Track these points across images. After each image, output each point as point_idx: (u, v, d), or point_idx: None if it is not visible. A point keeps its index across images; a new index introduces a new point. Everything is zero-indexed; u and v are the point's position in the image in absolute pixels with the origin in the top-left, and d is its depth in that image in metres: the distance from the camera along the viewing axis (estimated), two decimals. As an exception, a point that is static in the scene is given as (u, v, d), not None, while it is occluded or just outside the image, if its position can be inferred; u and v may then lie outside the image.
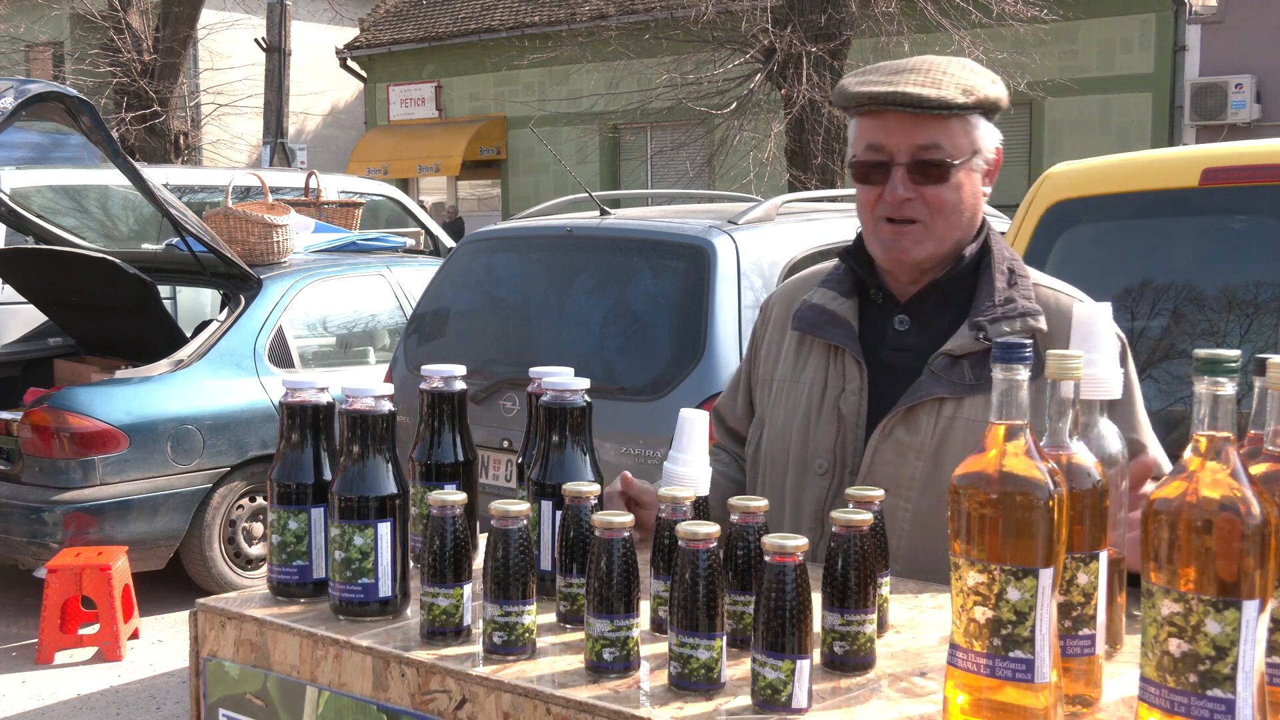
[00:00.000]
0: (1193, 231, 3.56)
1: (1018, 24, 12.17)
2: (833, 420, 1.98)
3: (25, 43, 18.45)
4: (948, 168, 1.90)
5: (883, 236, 1.95)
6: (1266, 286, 3.29)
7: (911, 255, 1.94)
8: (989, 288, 1.94)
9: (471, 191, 22.51)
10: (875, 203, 1.94)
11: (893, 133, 1.90)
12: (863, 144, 1.95)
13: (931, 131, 1.89)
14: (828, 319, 2.02)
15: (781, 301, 2.17)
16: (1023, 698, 1.20)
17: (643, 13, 16.29)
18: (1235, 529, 1.10)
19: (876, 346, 2.00)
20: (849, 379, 1.98)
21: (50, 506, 5.69)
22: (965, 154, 1.92)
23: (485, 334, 5.30)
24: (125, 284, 6.48)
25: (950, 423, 1.89)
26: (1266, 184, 3.29)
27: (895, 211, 1.92)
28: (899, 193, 1.90)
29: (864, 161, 1.95)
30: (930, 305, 1.98)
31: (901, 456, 1.91)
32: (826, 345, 2.02)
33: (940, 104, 1.87)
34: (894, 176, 1.91)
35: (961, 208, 1.94)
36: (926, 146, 1.89)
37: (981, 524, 1.21)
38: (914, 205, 1.91)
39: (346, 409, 1.61)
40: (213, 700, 1.68)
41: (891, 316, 2.01)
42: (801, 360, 2.06)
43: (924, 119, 1.89)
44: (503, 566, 1.44)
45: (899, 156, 1.91)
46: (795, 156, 10.94)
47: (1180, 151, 3.75)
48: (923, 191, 1.91)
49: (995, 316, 1.90)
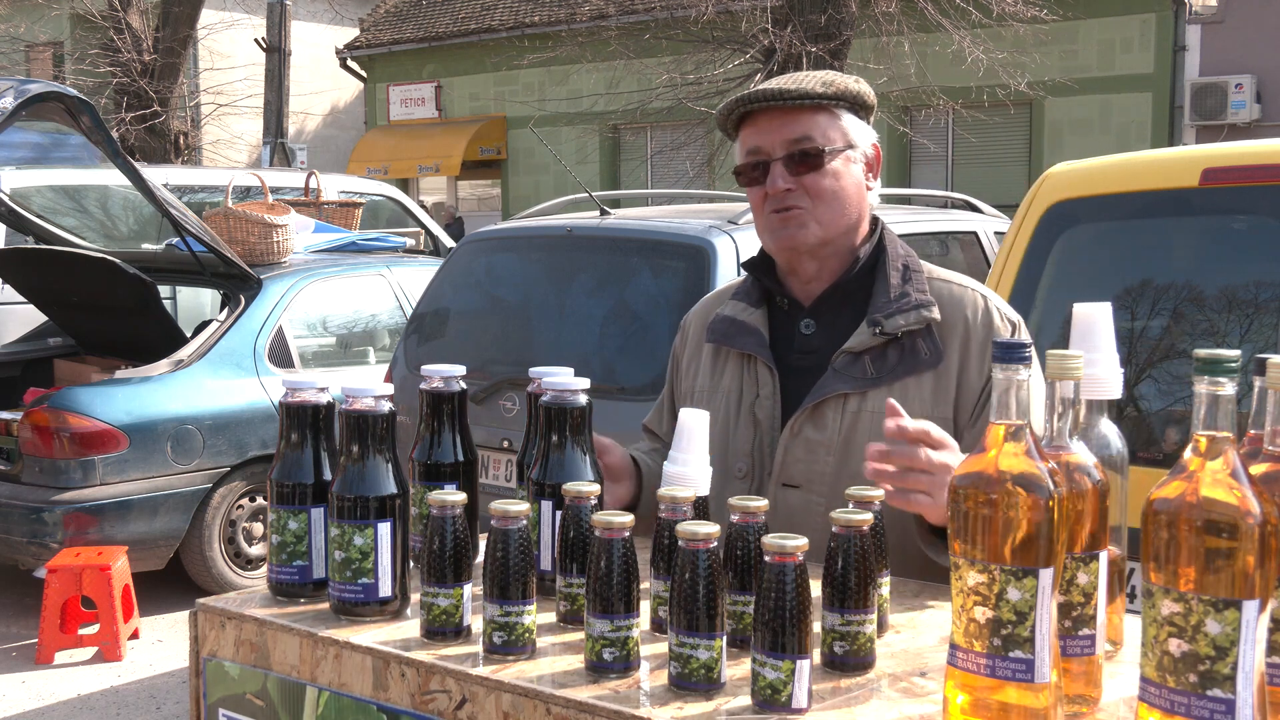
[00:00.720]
0: (1193, 231, 3.56)
1: (1018, 24, 12.18)
2: (749, 425, 2.07)
3: (25, 43, 18.45)
4: (820, 154, 2.01)
5: (773, 227, 2.05)
6: (1266, 286, 3.29)
7: (800, 239, 2.03)
8: (884, 285, 2.04)
9: (471, 191, 22.51)
10: (763, 201, 2.05)
11: (765, 133, 2.03)
12: (743, 151, 2.07)
13: (801, 125, 2.01)
14: (738, 329, 2.12)
15: (697, 318, 2.27)
16: (1023, 698, 1.20)
17: (643, 13, 16.29)
18: (1235, 529, 1.10)
19: (786, 351, 2.09)
20: (762, 384, 2.07)
21: (50, 506, 5.69)
22: (836, 144, 2.03)
23: (485, 334, 5.30)
24: (125, 284, 6.47)
25: (855, 417, 1.98)
26: (1266, 184, 3.29)
27: (779, 203, 2.02)
28: (779, 184, 2.01)
29: (745, 165, 2.07)
30: (831, 307, 2.08)
31: (812, 453, 2.00)
32: (740, 354, 2.12)
33: (800, 94, 2.00)
34: (772, 171, 2.02)
35: (843, 195, 2.03)
36: (798, 139, 2.01)
37: (981, 524, 1.21)
38: (795, 194, 2.01)
39: (346, 409, 1.61)
40: (213, 700, 1.68)
41: (797, 321, 2.10)
42: (718, 371, 2.15)
43: (791, 114, 2.02)
44: (503, 566, 1.44)
45: (775, 152, 2.02)
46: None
47: (1180, 151, 3.75)
48: (801, 181, 2.01)
49: (891, 311, 2.00)
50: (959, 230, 6.20)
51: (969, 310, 2.02)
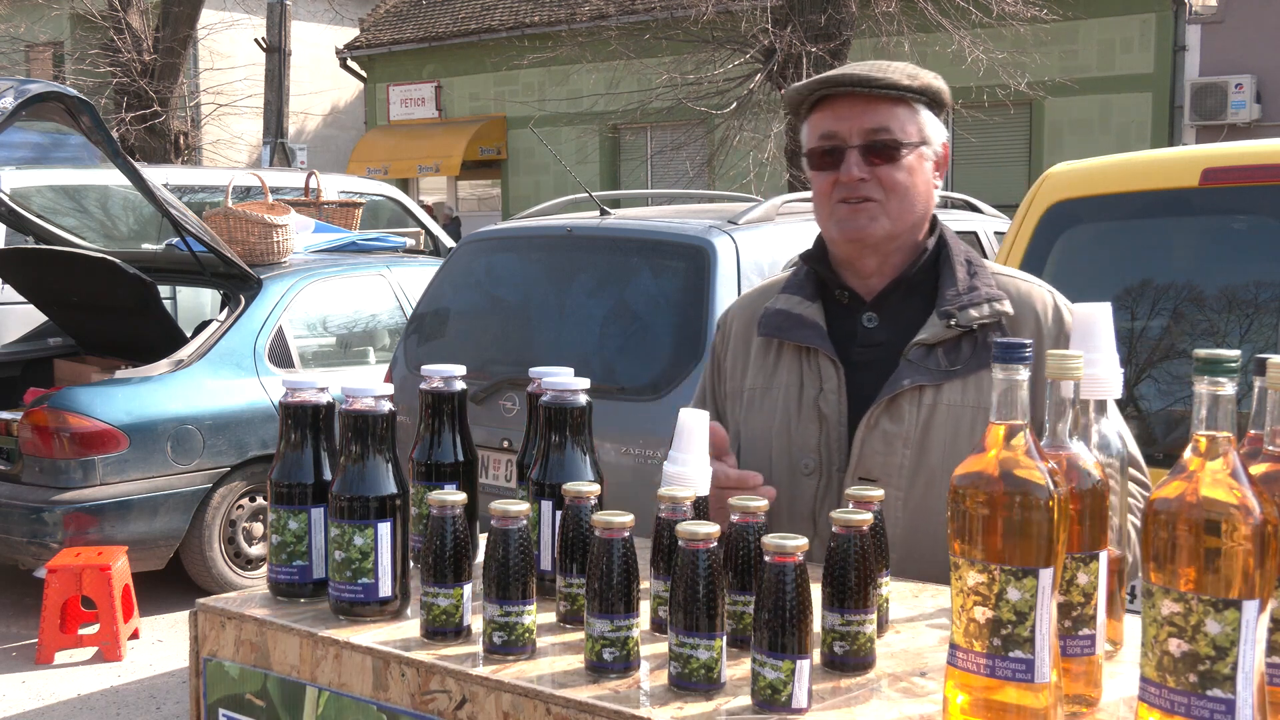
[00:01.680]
0: (1193, 231, 3.56)
1: (1018, 24, 12.18)
2: (814, 420, 2.02)
3: (25, 43, 18.45)
4: (899, 147, 1.97)
5: (840, 217, 2.00)
6: (1266, 286, 3.29)
7: (868, 232, 1.99)
8: (951, 278, 2.00)
9: (471, 191, 22.51)
10: (831, 188, 2.00)
11: (844, 119, 1.98)
12: (817, 134, 2.02)
13: (881, 116, 1.97)
14: (795, 322, 2.06)
15: (740, 314, 2.21)
16: (1023, 698, 1.20)
17: (643, 13, 16.29)
18: (1235, 530, 1.10)
19: (847, 346, 2.04)
20: (825, 379, 2.02)
21: (50, 506, 5.69)
22: (914, 139, 1.99)
23: (485, 334, 5.30)
24: (125, 284, 6.47)
25: (932, 409, 1.95)
26: (1266, 184, 3.29)
27: (851, 192, 1.98)
28: (854, 172, 1.97)
29: (818, 149, 2.01)
30: (896, 301, 2.04)
31: (889, 446, 1.96)
32: (797, 349, 2.06)
33: (887, 84, 1.96)
34: (848, 158, 1.97)
35: (914, 191, 2.00)
36: (877, 129, 1.97)
37: (981, 524, 1.21)
38: (869, 185, 1.97)
39: (346, 409, 1.61)
40: (213, 700, 1.68)
41: (859, 315, 2.05)
42: (771, 366, 2.09)
43: (873, 104, 1.97)
44: (503, 566, 1.44)
45: (851, 140, 1.98)
46: (795, 156, 10.92)
47: (1180, 151, 3.75)
48: (876, 172, 1.97)
49: (963, 304, 1.97)
50: (959, 230, 6.20)
51: (1038, 306, 2.00)
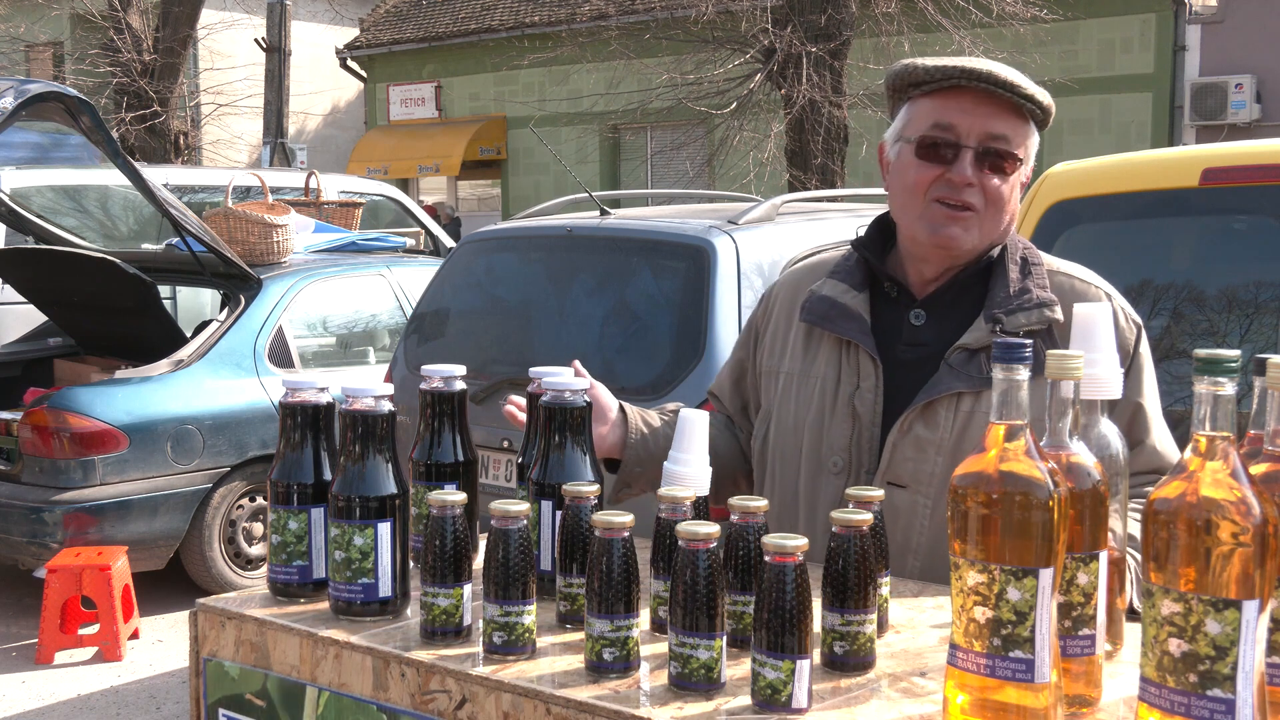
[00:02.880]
0: (1193, 231, 3.56)
1: (1018, 24, 12.17)
2: (847, 418, 1.95)
3: (25, 43, 18.44)
4: (1014, 161, 1.89)
5: (933, 219, 1.90)
6: (1266, 286, 3.29)
7: (959, 242, 1.90)
8: (1004, 279, 1.92)
9: (471, 191, 22.51)
10: (931, 183, 1.89)
11: (968, 114, 1.87)
12: (929, 122, 1.90)
13: (1005, 123, 1.87)
14: (839, 312, 1.98)
15: (786, 291, 2.13)
16: (1023, 698, 1.20)
17: (643, 13, 16.29)
18: (1235, 530, 1.10)
19: (891, 342, 1.96)
20: (864, 376, 1.95)
21: (50, 506, 5.69)
22: (1023, 155, 1.91)
23: (485, 334, 5.30)
24: (125, 284, 6.48)
25: (969, 417, 1.88)
26: (1266, 184, 3.29)
27: (954, 194, 1.88)
28: (968, 174, 1.86)
29: (931, 138, 1.89)
30: (947, 299, 1.96)
31: (921, 452, 1.89)
32: (838, 340, 1.99)
33: (1025, 94, 1.87)
34: (962, 158, 1.87)
35: (1010, 208, 1.93)
36: (997, 136, 1.87)
37: (981, 524, 1.21)
38: (974, 192, 1.88)
39: (346, 409, 1.61)
40: (213, 700, 1.68)
41: (907, 311, 1.97)
42: (811, 353, 2.02)
43: (1001, 109, 1.87)
44: (503, 566, 1.44)
45: (968, 140, 1.87)
46: (795, 156, 10.94)
47: (1180, 151, 3.75)
48: (984, 180, 1.88)
49: (1011, 308, 1.89)
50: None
51: None
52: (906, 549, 1.90)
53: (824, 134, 10.65)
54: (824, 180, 10.64)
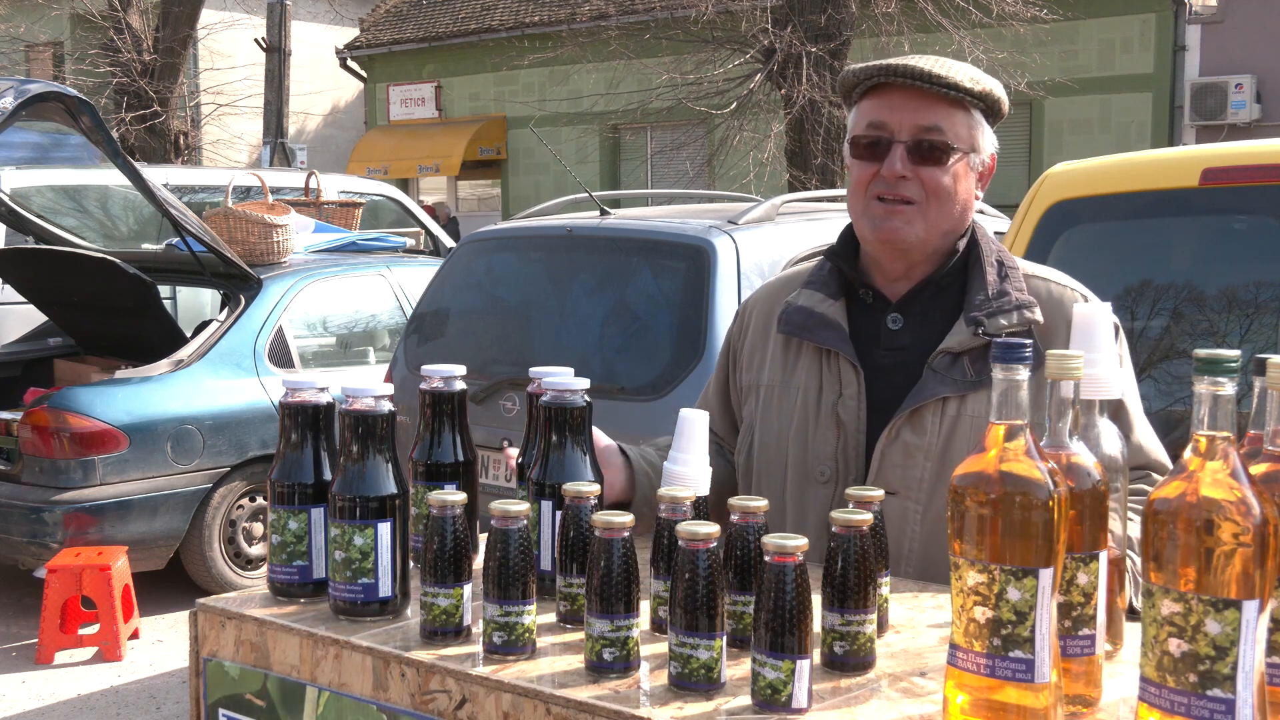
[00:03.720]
0: (1193, 231, 3.56)
1: (1018, 24, 12.17)
2: (831, 426, 1.95)
3: (25, 43, 18.44)
4: (948, 151, 1.90)
5: (873, 214, 1.92)
6: (1266, 286, 3.29)
7: (901, 235, 1.92)
8: (981, 282, 1.93)
9: (471, 191, 22.51)
10: (870, 181, 1.92)
11: (896, 110, 1.90)
12: (864, 123, 1.94)
13: (935, 115, 1.89)
14: (816, 321, 1.99)
15: (761, 304, 2.14)
16: (1023, 698, 1.20)
17: (643, 13, 16.28)
18: (1235, 530, 1.10)
19: (870, 348, 1.97)
20: (845, 384, 1.95)
21: (50, 506, 5.69)
22: (965, 145, 1.92)
23: (485, 334, 5.30)
24: (125, 284, 6.48)
25: (955, 421, 1.88)
26: (1266, 184, 3.29)
27: (890, 189, 1.90)
28: (897, 168, 1.89)
29: (862, 137, 1.93)
30: (922, 303, 1.96)
31: (910, 458, 1.89)
32: (817, 349, 1.99)
33: (948, 84, 1.88)
34: (893, 153, 1.90)
35: (955, 198, 1.93)
36: (929, 128, 1.89)
37: (981, 524, 1.21)
38: (909, 185, 1.90)
39: (346, 409, 1.61)
40: (213, 700, 1.68)
41: (884, 316, 1.98)
42: (790, 365, 2.03)
43: (929, 101, 1.89)
44: (503, 566, 1.44)
45: (900, 135, 1.90)
46: (795, 156, 10.94)
47: (1180, 151, 3.75)
48: (920, 172, 1.89)
49: (991, 310, 1.89)
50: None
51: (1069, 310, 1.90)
52: (899, 555, 1.90)
53: (824, 134, 10.65)
54: (824, 180, 10.63)
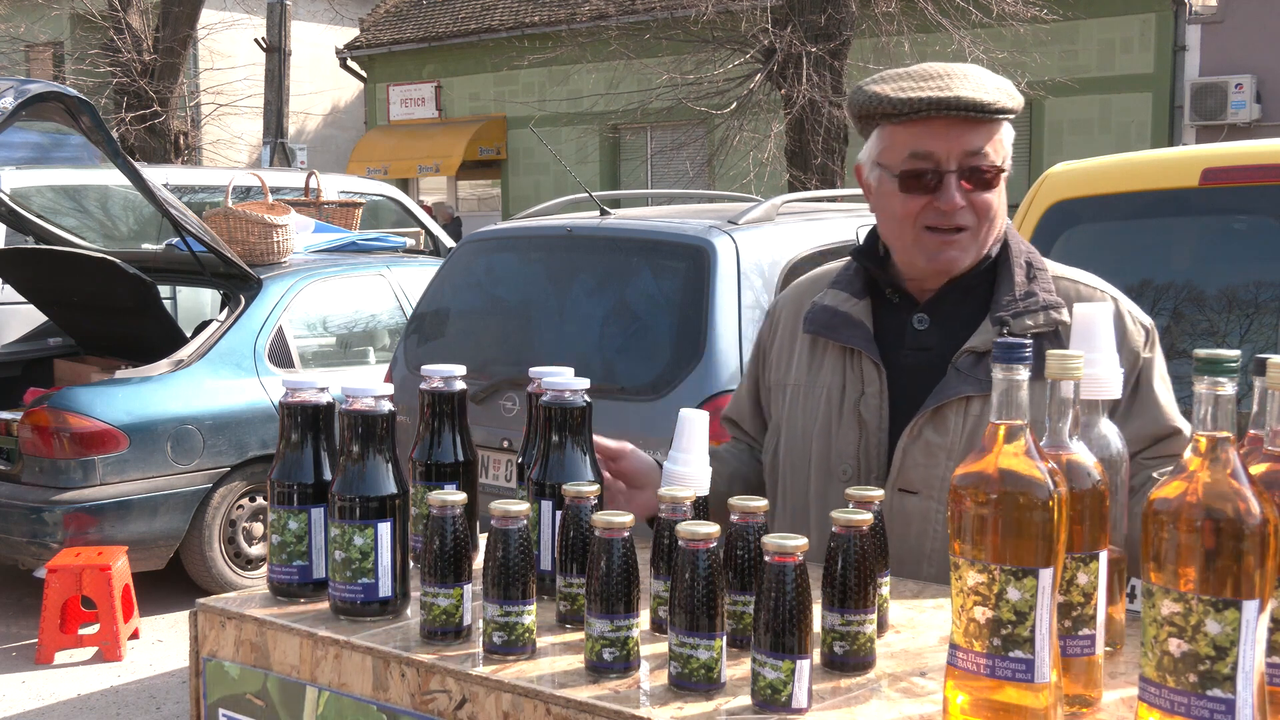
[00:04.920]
0: (1193, 231, 3.56)
1: (1018, 24, 12.17)
2: (854, 425, 1.96)
3: (25, 43, 18.44)
4: (997, 173, 1.88)
5: (927, 246, 1.90)
6: (1266, 286, 3.29)
7: (958, 264, 1.91)
8: (1009, 282, 1.92)
9: (471, 191, 22.51)
10: (919, 212, 1.89)
11: (941, 138, 1.86)
12: (906, 152, 1.88)
13: (980, 137, 1.86)
14: (841, 320, 1.99)
15: (790, 304, 2.14)
16: (1023, 698, 1.20)
17: (643, 13, 16.29)
18: (1236, 530, 1.10)
19: (895, 347, 1.97)
20: (868, 382, 1.95)
21: (50, 506, 5.69)
22: (1005, 160, 1.90)
23: (485, 334, 5.30)
24: (125, 284, 6.48)
25: (978, 420, 1.87)
26: (1266, 184, 3.29)
27: (946, 221, 1.87)
28: (956, 200, 1.86)
29: (911, 171, 1.88)
30: (949, 303, 1.95)
31: (931, 457, 1.90)
32: (841, 348, 1.99)
33: (999, 109, 1.85)
34: (948, 184, 1.86)
35: (1000, 214, 1.92)
36: (975, 153, 1.86)
37: (981, 524, 1.21)
38: (963, 213, 1.87)
39: (346, 409, 1.61)
40: (213, 700, 1.68)
41: (909, 316, 1.97)
42: (816, 364, 2.03)
43: (974, 125, 1.86)
44: (503, 566, 1.44)
45: (948, 164, 1.86)
46: (795, 156, 10.94)
47: (1180, 151, 3.75)
48: (971, 198, 1.87)
49: (1018, 310, 1.89)
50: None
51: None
52: (920, 555, 1.90)
53: (824, 134, 10.64)
54: (824, 180, 10.63)
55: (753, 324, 4.60)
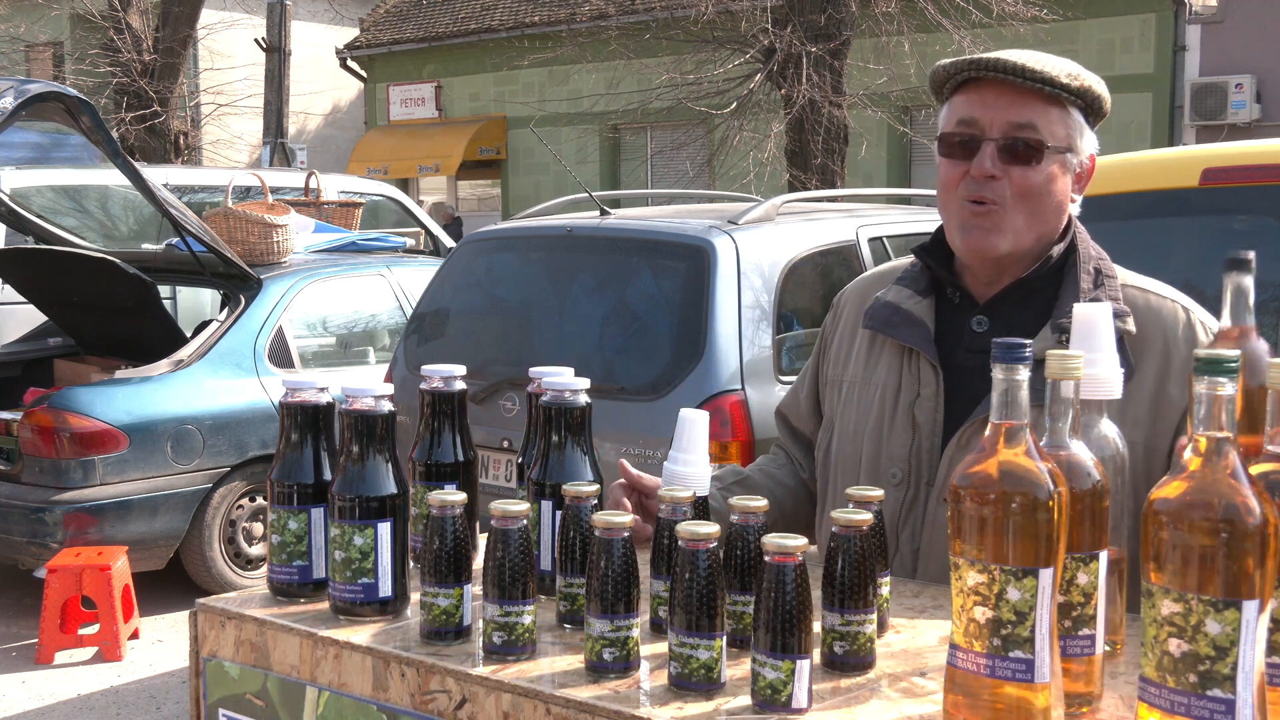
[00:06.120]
0: (1193, 231, 3.56)
1: (1018, 24, 12.17)
2: (907, 427, 1.90)
3: (25, 43, 18.44)
4: (1041, 150, 1.81)
5: (963, 220, 1.85)
6: (1266, 286, 3.29)
7: (990, 244, 1.84)
8: (1073, 288, 1.84)
9: (471, 191, 22.51)
10: (959, 180, 1.84)
11: (989, 106, 1.81)
12: (954, 119, 1.85)
13: (1029, 111, 1.81)
14: (902, 318, 1.93)
15: (854, 298, 2.08)
16: (1022, 698, 1.20)
17: (643, 13, 16.28)
18: (1236, 530, 1.10)
19: (953, 348, 1.91)
20: (924, 384, 1.90)
21: (50, 506, 5.69)
22: (1061, 143, 1.83)
23: (485, 334, 5.30)
24: (125, 284, 6.48)
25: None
26: (1266, 184, 3.29)
27: (979, 190, 1.82)
28: (986, 166, 1.80)
29: (952, 134, 1.84)
30: (1010, 305, 1.89)
31: None
32: (900, 346, 1.94)
33: (1042, 77, 1.79)
34: (983, 151, 1.81)
35: (1048, 200, 1.84)
36: (1022, 125, 1.81)
37: (981, 524, 1.21)
38: (998, 185, 1.81)
39: (346, 409, 1.61)
40: (213, 700, 1.68)
41: (969, 317, 1.91)
42: (873, 361, 1.97)
43: (1023, 96, 1.80)
44: (503, 566, 1.44)
45: (990, 132, 1.81)
46: (795, 156, 10.93)
47: (1180, 151, 3.75)
48: (1010, 172, 1.81)
49: None
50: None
51: (1168, 323, 1.82)
52: None
53: (824, 134, 10.64)
54: (824, 180, 10.63)
55: (752, 324, 4.60)
